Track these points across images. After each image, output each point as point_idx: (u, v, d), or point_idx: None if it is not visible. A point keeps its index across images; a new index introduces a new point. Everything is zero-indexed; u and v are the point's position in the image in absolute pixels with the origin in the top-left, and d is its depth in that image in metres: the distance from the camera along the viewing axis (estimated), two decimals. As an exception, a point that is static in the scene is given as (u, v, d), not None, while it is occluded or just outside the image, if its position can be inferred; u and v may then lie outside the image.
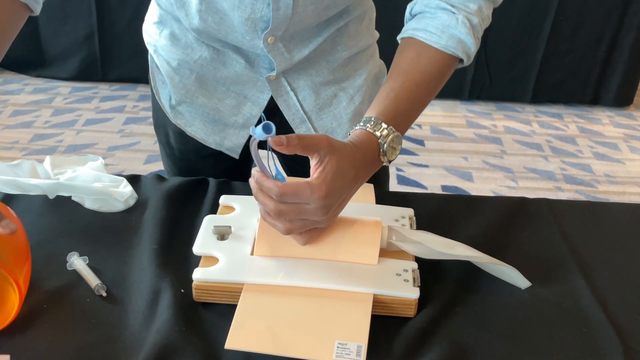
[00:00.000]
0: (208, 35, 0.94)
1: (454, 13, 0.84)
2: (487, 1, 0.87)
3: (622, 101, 3.26)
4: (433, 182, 2.62)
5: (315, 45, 0.96)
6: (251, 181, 0.75)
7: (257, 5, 0.85)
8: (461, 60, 0.87)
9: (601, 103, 3.27)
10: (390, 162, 0.81)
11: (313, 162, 0.74)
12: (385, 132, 0.79)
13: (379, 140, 0.79)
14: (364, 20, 1.03)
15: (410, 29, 0.87)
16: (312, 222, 0.76)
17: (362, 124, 0.80)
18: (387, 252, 0.84)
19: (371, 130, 0.79)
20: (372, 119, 0.80)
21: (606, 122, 3.18)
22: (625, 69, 3.14)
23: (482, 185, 2.61)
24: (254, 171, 0.74)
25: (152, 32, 1.04)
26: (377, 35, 1.10)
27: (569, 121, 3.17)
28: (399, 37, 0.90)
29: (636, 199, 2.56)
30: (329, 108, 1.05)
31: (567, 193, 2.58)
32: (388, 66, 1.16)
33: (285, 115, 1.04)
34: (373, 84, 1.10)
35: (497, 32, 3.08)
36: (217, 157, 1.11)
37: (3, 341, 0.74)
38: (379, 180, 1.05)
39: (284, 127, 1.04)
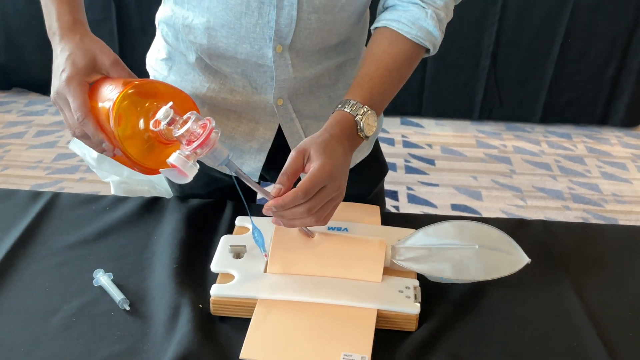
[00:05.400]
0: (217, 56, 0.98)
1: (423, 7, 0.93)
2: None
3: (630, 122, 3.28)
4: (443, 201, 2.67)
5: (316, 71, 1.01)
6: (267, 210, 0.82)
7: (264, 9, 0.90)
8: (427, 50, 0.96)
9: (610, 123, 3.29)
10: (367, 137, 0.91)
11: (307, 163, 0.84)
12: (362, 111, 0.89)
13: (356, 119, 0.88)
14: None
15: (384, 20, 0.95)
16: (331, 203, 0.84)
17: (340, 105, 0.90)
18: (391, 270, 0.90)
19: (349, 110, 0.89)
20: (350, 101, 0.90)
21: (614, 142, 3.20)
22: (633, 90, 3.16)
23: (491, 204, 2.65)
24: (267, 204, 0.82)
25: (160, 69, 1.08)
26: None
27: (577, 141, 3.20)
28: (372, 27, 0.98)
29: (643, 218, 2.60)
30: None
31: (574, 212, 2.61)
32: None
33: (288, 141, 1.08)
34: None
35: (507, 53, 3.13)
36: (224, 191, 1.14)
37: (35, 352, 0.81)
38: (376, 203, 1.11)
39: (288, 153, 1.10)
